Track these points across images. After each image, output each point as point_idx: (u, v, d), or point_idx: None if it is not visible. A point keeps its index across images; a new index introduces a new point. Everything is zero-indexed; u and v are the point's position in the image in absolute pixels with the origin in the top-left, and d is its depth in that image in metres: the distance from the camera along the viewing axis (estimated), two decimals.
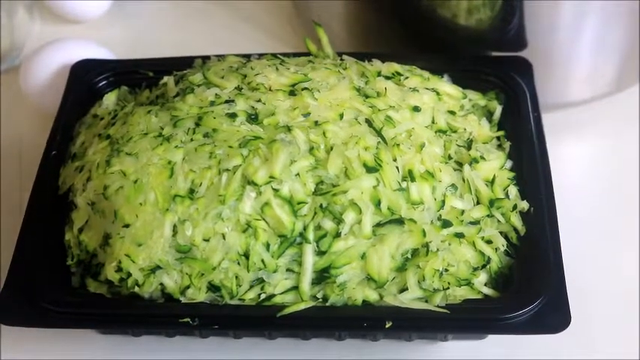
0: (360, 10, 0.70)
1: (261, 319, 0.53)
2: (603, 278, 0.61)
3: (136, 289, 0.54)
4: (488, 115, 0.62)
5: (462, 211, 0.55)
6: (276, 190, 0.53)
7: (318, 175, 0.54)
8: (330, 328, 0.54)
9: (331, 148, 0.54)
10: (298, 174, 0.53)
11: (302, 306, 0.53)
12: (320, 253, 0.53)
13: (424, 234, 0.53)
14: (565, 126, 0.70)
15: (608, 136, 0.70)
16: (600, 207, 0.66)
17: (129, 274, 0.54)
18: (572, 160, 0.69)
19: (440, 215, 0.54)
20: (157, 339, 0.58)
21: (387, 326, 0.52)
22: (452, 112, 0.59)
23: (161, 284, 0.54)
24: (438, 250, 0.53)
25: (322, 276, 0.53)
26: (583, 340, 0.58)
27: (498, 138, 0.60)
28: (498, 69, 0.64)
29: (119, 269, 0.54)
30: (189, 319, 0.52)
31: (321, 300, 0.53)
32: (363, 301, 0.53)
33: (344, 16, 0.71)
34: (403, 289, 0.53)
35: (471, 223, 0.55)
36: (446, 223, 0.54)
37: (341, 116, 0.56)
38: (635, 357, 0.57)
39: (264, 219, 0.53)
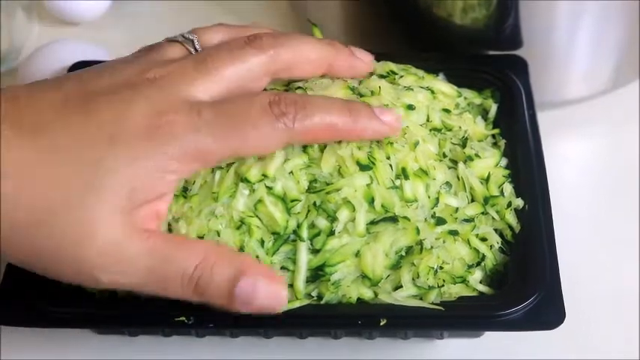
0: (357, 10, 0.70)
1: (256, 317, 0.53)
2: (598, 275, 0.61)
3: None
4: (484, 113, 0.62)
5: (457, 209, 0.55)
6: (269, 188, 0.53)
7: (312, 174, 0.54)
8: (325, 326, 0.54)
9: (325, 147, 0.54)
10: (292, 172, 0.53)
11: (297, 304, 0.53)
12: (314, 251, 0.53)
13: (418, 232, 0.53)
14: (561, 124, 0.69)
15: (604, 134, 0.70)
16: (595, 204, 0.66)
17: None
18: (569, 157, 0.69)
19: (434, 213, 0.54)
20: (154, 339, 0.58)
21: (381, 324, 0.52)
22: (447, 111, 0.59)
23: None
24: (432, 247, 0.53)
25: (317, 274, 0.53)
26: (579, 337, 0.58)
27: (493, 136, 0.60)
28: (494, 67, 0.64)
29: None
30: (184, 318, 0.52)
31: (315, 298, 0.53)
32: (358, 298, 0.53)
33: (340, 16, 0.71)
34: (398, 287, 0.53)
35: (466, 220, 0.55)
36: (440, 221, 0.54)
37: None
38: (632, 355, 0.57)
39: (257, 216, 0.53)
